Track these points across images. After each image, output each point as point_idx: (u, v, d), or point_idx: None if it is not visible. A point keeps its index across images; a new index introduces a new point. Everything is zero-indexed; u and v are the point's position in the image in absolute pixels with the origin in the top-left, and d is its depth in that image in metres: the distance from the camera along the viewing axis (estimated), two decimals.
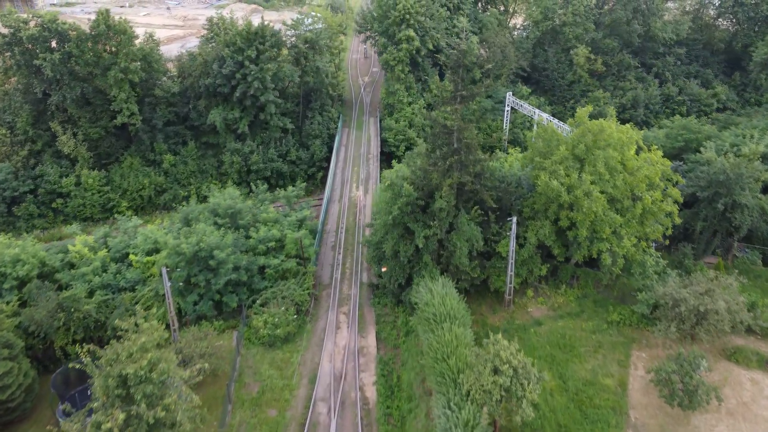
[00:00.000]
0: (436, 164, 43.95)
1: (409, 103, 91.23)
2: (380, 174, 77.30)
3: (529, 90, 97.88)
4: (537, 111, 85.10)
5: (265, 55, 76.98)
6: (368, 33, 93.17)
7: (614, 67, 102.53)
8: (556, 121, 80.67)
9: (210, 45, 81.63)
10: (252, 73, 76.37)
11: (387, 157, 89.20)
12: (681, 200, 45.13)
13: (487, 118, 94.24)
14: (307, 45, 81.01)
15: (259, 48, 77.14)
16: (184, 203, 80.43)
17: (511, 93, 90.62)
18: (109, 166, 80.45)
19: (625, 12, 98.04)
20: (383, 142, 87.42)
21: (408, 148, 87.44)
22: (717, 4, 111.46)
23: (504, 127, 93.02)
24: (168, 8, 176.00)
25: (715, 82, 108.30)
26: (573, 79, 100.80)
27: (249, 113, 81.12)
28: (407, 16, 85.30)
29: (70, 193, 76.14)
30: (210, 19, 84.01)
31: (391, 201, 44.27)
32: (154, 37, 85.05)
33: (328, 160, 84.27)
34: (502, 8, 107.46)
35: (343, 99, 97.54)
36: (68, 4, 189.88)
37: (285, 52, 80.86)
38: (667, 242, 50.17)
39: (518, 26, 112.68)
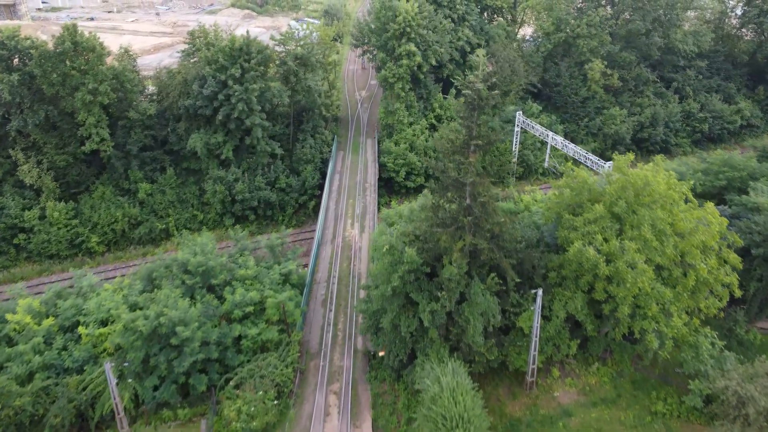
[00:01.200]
0: (445, 224, 36.32)
1: (410, 124, 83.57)
2: (378, 209, 69.58)
3: (540, 107, 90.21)
4: (550, 134, 77.39)
5: (251, 74, 69.24)
6: (365, 47, 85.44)
7: (631, 82, 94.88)
8: (579, 150, 72.81)
9: (191, 61, 73.87)
10: (236, 94, 68.70)
11: (386, 183, 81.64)
12: (740, 267, 37.54)
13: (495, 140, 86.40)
14: (297, 62, 73.28)
15: (244, 66, 69.41)
16: (162, 238, 73.41)
17: (521, 112, 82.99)
18: (78, 196, 72.74)
19: (644, 23, 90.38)
20: (382, 166, 79.76)
21: (409, 174, 79.98)
22: (740, 14, 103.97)
23: (513, 149, 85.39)
24: (157, 14, 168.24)
25: (738, 97, 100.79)
26: (587, 96, 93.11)
27: (234, 137, 73.43)
28: (408, 29, 77.63)
29: (33, 228, 68.40)
30: (192, 33, 76.25)
31: (390, 268, 36.59)
32: (130, 52, 77.43)
33: (320, 187, 76.66)
34: (509, 17, 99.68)
35: (338, 117, 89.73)
36: (54, 10, 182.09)
37: (273, 70, 73.06)
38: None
39: (527, 37, 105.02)
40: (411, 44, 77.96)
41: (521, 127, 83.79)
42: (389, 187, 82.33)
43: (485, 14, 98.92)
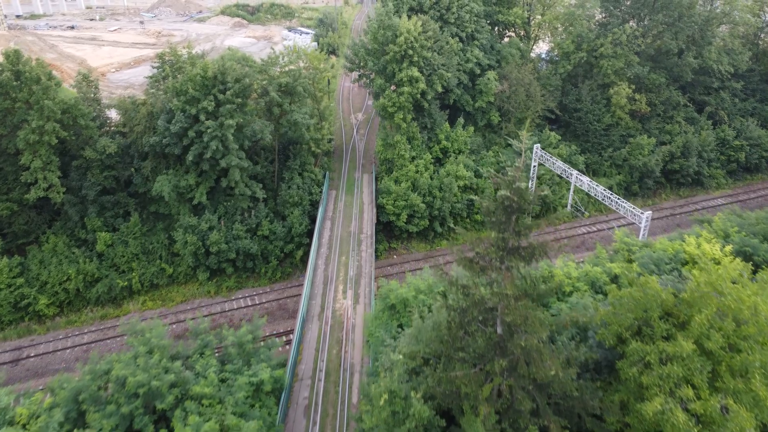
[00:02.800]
0: (466, 364, 26.02)
1: (412, 158, 73.28)
2: (375, 255, 59.32)
3: (558, 136, 79.86)
4: (575, 173, 67.04)
5: (227, 107, 58.92)
6: (361, 70, 75.03)
7: (660, 107, 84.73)
8: (611, 195, 62.36)
9: (160, 89, 63.49)
10: (209, 131, 58.40)
11: (384, 227, 71.41)
12: None
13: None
14: (281, 92, 62.93)
15: (219, 98, 59.10)
16: (123, 296, 63.11)
17: (539, 145, 72.72)
18: (27, 247, 62.48)
19: (677, 42, 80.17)
20: (380, 208, 69.51)
21: (411, 217, 69.70)
22: None
23: (529, 186, 75.04)
24: (141, 22, 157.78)
25: None
26: (611, 122, 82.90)
27: (208, 179, 63.16)
28: (410, 52, 67.31)
29: None
30: (160, 55, 65.77)
31: (391, 422, 26.24)
32: (90, 78, 67.02)
33: (309, 234, 66.47)
34: (522, 33, 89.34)
35: (331, 145, 79.27)
36: (34, 17, 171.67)
37: (253, 103, 62.72)
38: None
39: (542, 54, 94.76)
40: (414, 69, 67.67)
41: (539, 162, 73.59)
42: (389, 230, 72.12)
43: (496, 29, 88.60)
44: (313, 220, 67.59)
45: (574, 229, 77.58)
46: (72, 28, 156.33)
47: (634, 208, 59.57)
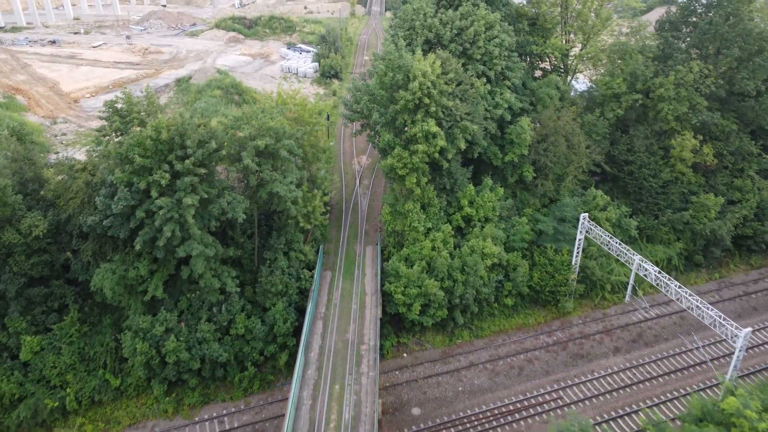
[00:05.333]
0: None
1: (428, 231, 58.58)
2: (379, 367, 44.57)
3: (607, 197, 64.84)
4: (637, 258, 51.99)
5: (186, 180, 44.62)
6: (363, 120, 60.14)
7: (728, 158, 69.56)
8: (690, 296, 47.29)
9: (105, 150, 49.10)
10: (162, 212, 44.08)
11: (392, 319, 56.89)
12: None
13: (546, 248, 61.53)
14: (259, 159, 48.42)
15: (177, 167, 44.79)
16: (55, 419, 48.87)
17: (586, 216, 57.85)
18: None
19: (754, 80, 65.02)
20: (386, 296, 55.02)
21: (425, 306, 55.14)
22: None
23: (573, 262, 60.37)
24: (127, 37, 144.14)
25: None
26: (669, 178, 67.81)
27: (166, 266, 48.93)
28: (426, 100, 52.71)
29: None
30: (110, 104, 51.16)
31: None
32: (24, 134, 52.93)
33: (297, 331, 52.18)
34: (560, 66, 74.41)
35: (327, 217, 64.17)
36: (15, 29, 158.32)
37: (223, 171, 48.41)
38: None
39: (578, 87, 79.80)
40: (431, 121, 53.08)
41: (585, 234, 58.79)
42: (398, 321, 57.57)
43: (526, 59, 73.62)
44: (301, 313, 53.21)
45: (627, 315, 62.71)
46: (53, 42, 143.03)
47: (725, 320, 44.49)
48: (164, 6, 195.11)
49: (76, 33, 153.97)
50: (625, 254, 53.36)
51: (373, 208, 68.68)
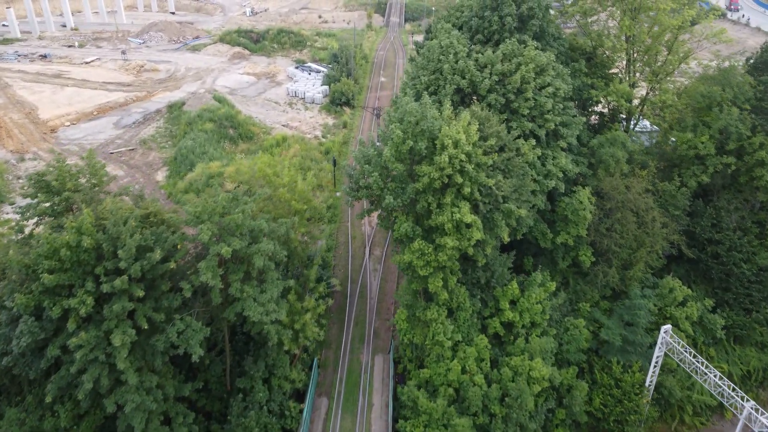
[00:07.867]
0: None
1: (455, 345, 44.21)
2: None
3: (687, 290, 49.99)
4: (749, 405, 37.24)
5: (116, 307, 31.08)
6: (372, 199, 45.66)
7: None
8: None
9: (5, 259, 35.76)
10: (82, 354, 30.60)
11: None
12: None
13: (610, 361, 46.91)
14: (226, 266, 34.63)
15: (105, 287, 31.24)
16: None
17: (669, 330, 43.16)
18: None
19: None
20: None
21: None
22: None
23: (647, 383, 45.72)
24: (123, 52, 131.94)
25: None
26: (766, 264, 52.76)
27: (93, 417, 35.40)
28: (458, 178, 38.59)
29: None
30: (37, 177, 37.71)
31: None
32: None
33: None
34: (620, 112, 59.62)
35: (324, 329, 49.09)
36: (6, 41, 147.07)
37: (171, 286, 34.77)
38: None
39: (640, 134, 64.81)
40: (464, 205, 38.98)
41: (665, 350, 44.17)
42: None
43: (581, 104, 58.89)
44: None
45: None
46: (44, 57, 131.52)
47: None
48: (173, 13, 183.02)
49: (70, 46, 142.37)
50: (731, 396, 38.60)
51: (386, 292, 54.67)
